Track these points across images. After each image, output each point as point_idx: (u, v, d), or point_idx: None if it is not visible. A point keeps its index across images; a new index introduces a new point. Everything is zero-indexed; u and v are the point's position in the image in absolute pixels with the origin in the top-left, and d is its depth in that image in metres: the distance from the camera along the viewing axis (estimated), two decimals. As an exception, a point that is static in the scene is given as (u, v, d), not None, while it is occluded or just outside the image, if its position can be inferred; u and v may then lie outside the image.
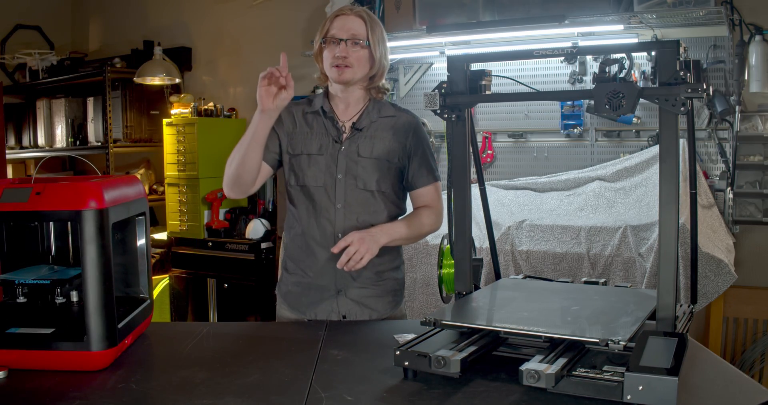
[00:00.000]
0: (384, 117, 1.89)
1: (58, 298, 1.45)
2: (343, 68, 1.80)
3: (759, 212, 3.06)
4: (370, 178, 1.84)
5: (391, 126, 1.88)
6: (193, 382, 1.29)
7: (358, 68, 1.82)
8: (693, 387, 1.21)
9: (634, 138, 3.33)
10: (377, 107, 1.90)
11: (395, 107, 1.94)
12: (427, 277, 3.05)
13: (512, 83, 1.91)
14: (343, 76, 1.81)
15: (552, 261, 2.89)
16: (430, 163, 1.91)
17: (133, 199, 1.50)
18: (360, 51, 1.81)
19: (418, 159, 1.89)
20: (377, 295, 1.88)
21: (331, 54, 1.81)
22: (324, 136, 1.87)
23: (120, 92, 4.44)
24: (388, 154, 1.86)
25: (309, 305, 1.89)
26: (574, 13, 3.03)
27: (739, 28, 3.04)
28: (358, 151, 1.85)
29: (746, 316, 3.08)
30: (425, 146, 1.92)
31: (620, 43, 3.27)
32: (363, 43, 1.81)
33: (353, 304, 1.86)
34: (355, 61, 1.81)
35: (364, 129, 1.86)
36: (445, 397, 1.20)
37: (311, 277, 1.87)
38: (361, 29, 1.82)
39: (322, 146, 1.86)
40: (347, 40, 1.80)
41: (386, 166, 1.86)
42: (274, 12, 4.35)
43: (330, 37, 1.82)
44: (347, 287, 1.86)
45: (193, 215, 4.06)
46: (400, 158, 1.88)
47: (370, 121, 1.87)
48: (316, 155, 1.85)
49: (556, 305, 1.50)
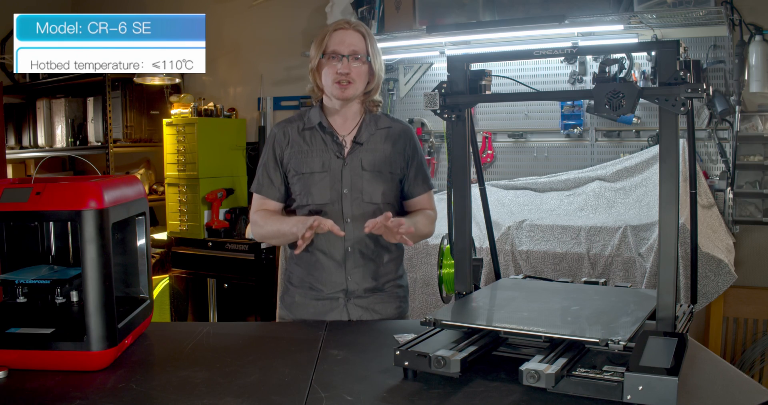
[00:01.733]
0: (381, 128, 1.90)
1: (58, 298, 1.45)
2: (345, 85, 1.80)
3: (759, 212, 3.06)
4: (376, 191, 1.85)
5: (388, 137, 1.89)
6: (193, 382, 1.29)
7: (360, 84, 1.83)
8: (693, 387, 1.21)
9: (634, 138, 3.33)
10: (374, 120, 1.90)
11: (389, 118, 1.96)
12: (427, 277, 3.05)
13: (512, 83, 1.92)
14: (347, 93, 1.81)
15: (552, 261, 2.89)
16: (425, 172, 1.94)
17: (133, 199, 1.50)
18: (361, 66, 1.82)
19: (414, 168, 1.91)
20: (384, 301, 1.89)
21: (333, 70, 1.81)
22: (324, 152, 1.86)
23: (120, 92, 4.44)
24: (390, 165, 1.87)
25: (317, 315, 1.87)
26: (574, 13, 3.03)
27: (739, 28, 3.04)
28: (361, 165, 1.85)
29: (746, 316, 3.08)
30: (420, 155, 1.95)
31: (620, 43, 3.27)
32: (363, 58, 1.82)
33: (362, 311, 1.86)
34: (357, 76, 1.81)
35: (365, 142, 1.87)
36: (445, 397, 1.20)
37: (319, 290, 1.87)
38: (360, 44, 1.82)
39: (324, 163, 1.85)
40: (348, 56, 1.80)
41: (389, 177, 1.87)
42: (274, 12, 4.35)
43: (331, 52, 1.81)
44: (355, 296, 1.86)
45: (193, 215, 4.05)
46: (402, 169, 1.90)
47: (369, 134, 1.87)
48: (319, 173, 1.85)
49: (556, 305, 1.50)
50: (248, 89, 4.50)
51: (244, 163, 4.28)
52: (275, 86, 4.37)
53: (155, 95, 4.59)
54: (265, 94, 4.39)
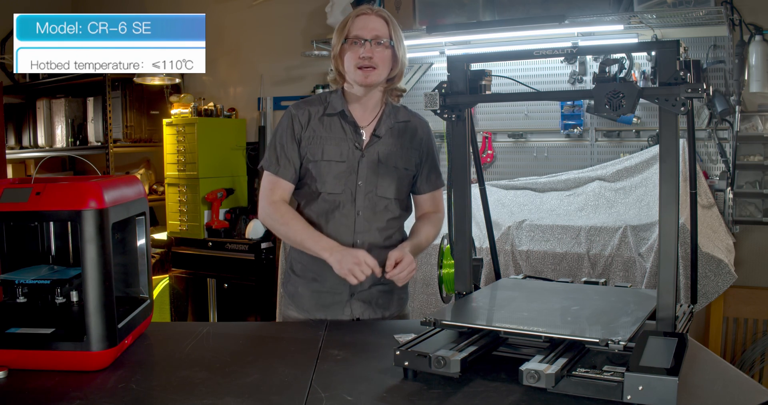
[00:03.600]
0: (400, 122, 1.88)
1: (58, 298, 1.45)
2: (369, 70, 1.77)
3: (759, 212, 3.06)
4: (390, 186, 1.83)
5: (406, 131, 1.87)
6: (193, 382, 1.29)
7: (383, 69, 1.80)
8: (693, 387, 1.21)
9: (634, 138, 3.33)
10: (394, 112, 1.88)
11: (408, 111, 1.93)
12: (427, 277, 3.05)
13: (512, 83, 1.91)
14: (370, 79, 1.78)
15: (552, 261, 2.89)
16: (438, 168, 1.92)
17: (133, 199, 1.50)
18: (384, 51, 1.79)
19: (428, 164, 1.90)
20: (388, 292, 1.87)
21: (356, 55, 1.77)
22: (343, 141, 1.83)
23: (120, 92, 4.44)
24: (406, 162, 1.86)
25: (320, 308, 1.85)
26: (574, 13, 3.03)
27: (739, 28, 3.04)
28: (378, 158, 1.83)
29: (746, 316, 3.08)
30: (435, 151, 1.93)
31: (620, 43, 3.27)
32: (387, 42, 1.79)
33: (365, 305, 1.85)
34: (380, 61, 1.78)
35: (383, 135, 1.85)
36: (445, 397, 1.20)
37: (321, 283, 1.84)
38: (383, 29, 1.79)
39: (342, 152, 1.82)
40: (371, 40, 1.77)
41: (404, 174, 1.86)
42: (274, 12, 4.35)
43: (353, 37, 1.78)
44: (360, 290, 1.83)
45: (193, 215, 4.05)
46: (417, 165, 1.89)
47: (388, 127, 1.85)
48: (337, 162, 1.81)
49: (556, 305, 1.50)
50: (248, 89, 4.50)
51: (244, 163, 4.28)
52: (275, 86, 4.37)
53: (155, 95, 4.59)
54: (265, 94, 4.39)
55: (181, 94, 4.43)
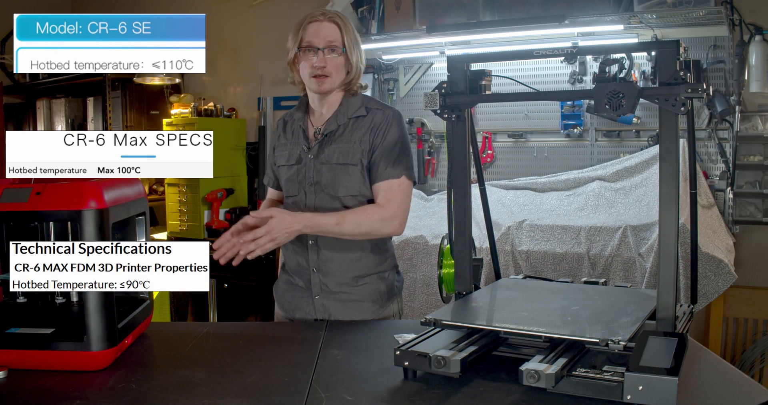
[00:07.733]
0: (353, 117, 1.83)
1: (58, 298, 1.45)
2: (322, 79, 1.78)
3: (759, 212, 3.06)
4: (334, 184, 1.80)
5: (359, 125, 1.82)
6: (193, 382, 1.29)
7: (337, 76, 1.80)
8: (693, 387, 1.21)
9: (634, 138, 3.33)
10: (348, 109, 1.83)
11: (370, 104, 1.86)
12: (427, 277, 3.05)
13: (512, 83, 1.91)
14: (323, 87, 1.79)
15: (552, 261, 2.89)
16: (398, 159, 1.79)
17: (133, 199, 1.50)
18: (337, 58, 1.79)
19: (378, 154, 1.79)
20: (356, 300, 1.83)
21: (309, 64, 1.78)
22: (296, 145, 1.87)
23: (120, 92, 4.45)
24: (350, 157, 1.79)
25: (291, 304, 1.90)
26: (574, 13, 3.03)
27: (739, 28, 3.04)
28: (325, 157, 1.81)
29: (746, 316, 3.08)
30: (393, 141, 1.80)
31: (620, 43, 3.27)
32: (339, 50, 1.78)
33: (332, 306, 1.83)
34: (333, 69, 1.78)
35: (332, 133, 1.82)
36: (445, 397, 1.20)
37: (293, 279, 1.90)
38: (336, 35, 1.78)
39: (292, 156, 1.86)
40: (324, 48, 1.77)
41: (350, 170, 1.79)
42: (274, 12, 4.35)
43: (306, 45, 1.78)
44: (322, 292, 1.83)
45: (193, 215, 4.05)
46: (366, 158, 1.79)
47: (338, 125, 1.83)
48: (290, 166, 1.86)
49: (556, 305, 1.50)
50: (248, 89, 4.50)
51: (244, 163, 4.27)
52: (275, 86, 4.37)
53: (155, 95, 4.59)
54: (265, 94, 4.39)
55: (181, 94, 4.42)
